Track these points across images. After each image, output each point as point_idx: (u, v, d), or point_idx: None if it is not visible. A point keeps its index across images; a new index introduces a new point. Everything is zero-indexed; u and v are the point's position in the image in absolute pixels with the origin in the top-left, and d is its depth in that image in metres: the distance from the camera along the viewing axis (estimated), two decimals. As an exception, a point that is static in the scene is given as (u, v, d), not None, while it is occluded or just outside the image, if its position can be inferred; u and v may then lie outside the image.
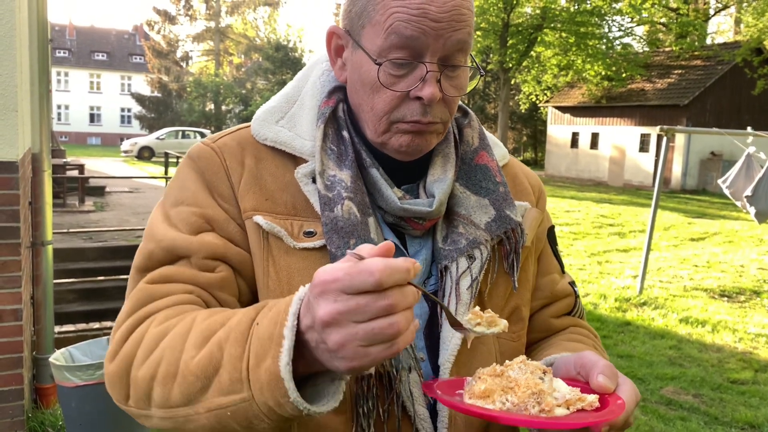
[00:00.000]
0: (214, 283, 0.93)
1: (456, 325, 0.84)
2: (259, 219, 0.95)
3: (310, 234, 0.95)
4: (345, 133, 1.00)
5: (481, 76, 1.02)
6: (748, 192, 7.53)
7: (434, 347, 0.99)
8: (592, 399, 0.81)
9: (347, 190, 0.95)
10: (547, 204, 1.21)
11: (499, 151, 1.13)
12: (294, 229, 0.96)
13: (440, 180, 1.01)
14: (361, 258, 0.69)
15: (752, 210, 7.61)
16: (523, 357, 0.85)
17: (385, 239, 0.97)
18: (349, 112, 1.03)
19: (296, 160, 1.00)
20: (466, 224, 1.01)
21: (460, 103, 1.14)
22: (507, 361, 0.85)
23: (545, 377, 0.82)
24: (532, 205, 1.13)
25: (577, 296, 1.19)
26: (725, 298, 8.21)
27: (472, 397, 0.80)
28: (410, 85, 0.92)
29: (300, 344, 0.73)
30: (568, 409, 0.79)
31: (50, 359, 3.45)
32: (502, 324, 0.83)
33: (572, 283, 1.19)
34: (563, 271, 1.19)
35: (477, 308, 0.86)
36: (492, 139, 1.14)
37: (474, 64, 0.98)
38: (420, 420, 0.93)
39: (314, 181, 0.98)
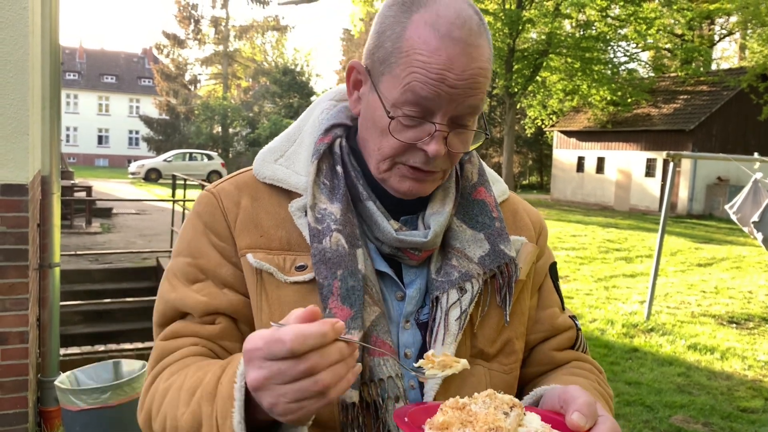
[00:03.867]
0: (215, 334, 1.01)
1: (410, 370, 0.90)
2: (249, 257, 1.00)
3: (301, 268, 0.99)
4: (339, 168, 1.04)
5: (487, 137, 1.06)
6: (756, 218, 7.52)
7: None
8: None
9: (336, 223, 0.98)
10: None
11: (500, 187, 1.16)
12: (286, 264, 1.00)
13: (438, 213, 1.05)
14: (281, 326, 0.74)
15: (759, 236, 7.59)
16: (490, 391, 0.85)
17: (376, 270, 1.02)
18: (351, 147, 1.08)
19: (291, 196, 1.05)
20: (459, 257, 1.04)
21: None
22: (475, 394, 0.85)
23: (511, 412, 0.80)
24: (532, 240, 1.14)
25: (579, 330, 1.18)
26: (734, 325, 8.14)
27: (432, 428, 0.80)
28: (418, 137, 0.96)
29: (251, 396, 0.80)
30: None
31: (55, 382, 3.44)
32: (460, 364, 0.86)
33: (573, 318, 1.19)
34: (563, 307, 1.19)
35: (430, 352, 0.90)
36: (492, 175, 1.17)
37: (482, 123, 1.03)
38: None
39: (307, 214, 1.02)
